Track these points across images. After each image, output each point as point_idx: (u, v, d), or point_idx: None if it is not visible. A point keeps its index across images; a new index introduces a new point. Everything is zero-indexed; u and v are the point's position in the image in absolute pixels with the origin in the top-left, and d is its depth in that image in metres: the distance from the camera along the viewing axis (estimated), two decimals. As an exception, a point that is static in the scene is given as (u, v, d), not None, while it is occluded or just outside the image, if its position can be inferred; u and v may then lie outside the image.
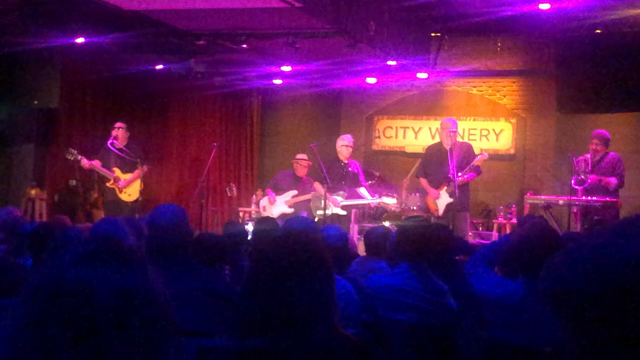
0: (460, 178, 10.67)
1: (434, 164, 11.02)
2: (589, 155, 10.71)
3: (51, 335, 1.46)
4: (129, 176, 11.43)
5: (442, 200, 10.92)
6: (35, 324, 1.47)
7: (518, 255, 4.09)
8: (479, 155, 10.96)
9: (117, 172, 11.30)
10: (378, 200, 11.60)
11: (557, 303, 1.51)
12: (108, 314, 1.46)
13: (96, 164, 11.21)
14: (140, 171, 11.43)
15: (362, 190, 11.64)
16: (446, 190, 10.81)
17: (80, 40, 10.90)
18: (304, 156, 12.50)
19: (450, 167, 10.46)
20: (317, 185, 11.85)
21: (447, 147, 10.84)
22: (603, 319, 1.42)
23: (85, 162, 11.18)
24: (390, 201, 11.79)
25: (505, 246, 4.90)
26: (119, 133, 11.44)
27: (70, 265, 1.54)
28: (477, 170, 10.99)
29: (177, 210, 4.51)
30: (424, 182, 11.35)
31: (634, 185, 11.39)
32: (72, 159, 11.22)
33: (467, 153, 11.07)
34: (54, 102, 12.26)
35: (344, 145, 11.77)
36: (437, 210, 11.02)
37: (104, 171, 11.27)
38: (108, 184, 11.35)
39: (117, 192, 11.29)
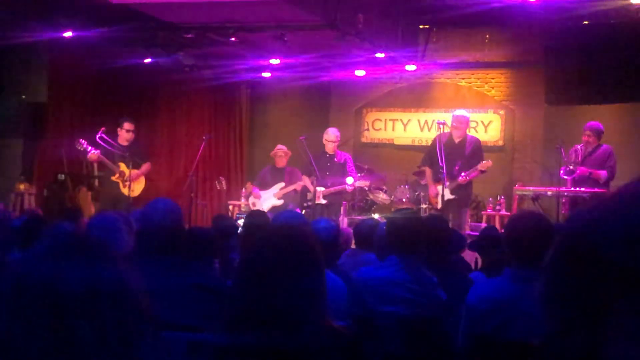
0: (462, 178, 10.70)
1: (437, 156, 10.88)
2: (579, 147, 10.73)
3: (19, 330, 1.46)
4: (134, 172, 11.47)
5: (444, 195, 10.90)
6: (3, 320, 1.48)
7: (511, 245, 4.10)
8: (483, 160, 10.91)
9: (122, 166, 11.32)
10: (349, 186, 11.58)
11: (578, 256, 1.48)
12: (75, 306, 1.47)
13: (99, 155, 11.21)
14: (146, 168, 11.61)
15: (348, 179, 11.63)
16: (448, 186, 10.80)
17: (68, 34, 10.88)
18: (282, 146, 12.54)
19: (441, 162, 10.44)
20: (305, 178, 11.89)
21: (456, 141, 10.89)
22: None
23: (92, 155, 11.18)
24: (361, 183, 11.82)
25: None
26: (128, 136, 11.52)
27: (36, 260, 1.54)
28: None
29: (170, 206, 4.51)
30: (428, 172, 11.34)
31: (623, 177, 11.41)
32: (81, 149, 11.20)
33: (475, 148, 11.07)
34: (42, 97, 12.25)
35: (327, 139, 11.80)
36: (437, 202, 11.02)
37: (109, 164, 11.29)
38: (113, 178, 11.33)
39: (121, 186, 11.29)
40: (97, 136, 11.22)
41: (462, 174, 10.75)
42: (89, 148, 11.12)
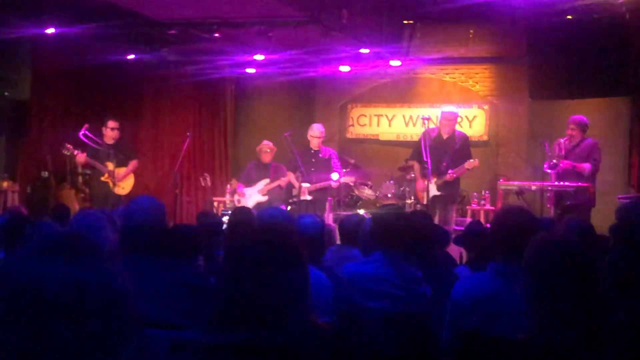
0: (450, 175, 10.74)
1: (430, 151, 10.90)
2: (562, 140, 10.75)
3: (2, 329, 1.45)
4: (122, 170, 11.45)
5: (430, 191, 10.92)
6: None
7: (496, 239, 4.11)
8: (471, 159, 10.95)
9: (110, 165, 11.29)
10: (334, 182, 11.60)
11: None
12: (58, 306, 1.46)
13: (87, 158, 11.19)
14: (134, 165, 11.61)
15: (333, 175, 11.64)
16: (435, 182, 10.83)
17: (51, 30, 10.82)
18: (267, 142, 12.54)
19: (426, 157, 10.47)
20: (290, 175, 11.89)
21: (444, 137, 10.92)
22: None
23: (80, 157, 11.16)
24: (346, 179, 11.84)
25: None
26: (113, 134, 11.48)
27: (21, 259, 1.54)
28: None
29: (153, 203, 4.50)
30: (416, 167, 11.37)
31: (608, 170, 11.47)
32: (68, 154, 11.19)
33: (463, 144, 11.11)
34: (25, 94, 12.18)
35: (312, 135, 11.81)
36: (423, 197, 11.05)
37: (98, 165, 11.26)
38: (103, 178, 11.31)
39: (111, 185, 11.27)
40: (81, 133, 11.17)
41: (450, 171, 10.78)
42: (76, 151, 11.09)
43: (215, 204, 14.02)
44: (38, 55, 12.25)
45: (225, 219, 8.69)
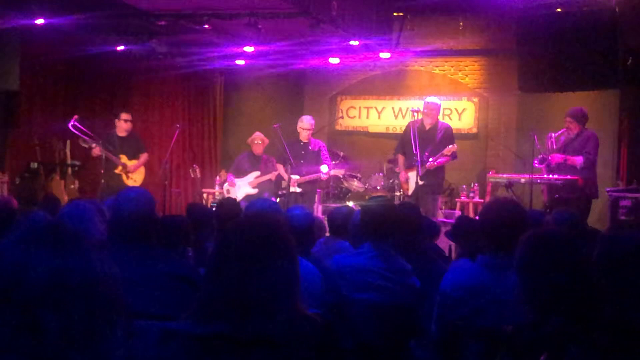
0: (430, 163, 10.74)
1: (411, 143, 10.99)
2: (553, 134, 10.75)
3: None
4: (134, 162, 11.68)
5: (412, 181, 10.97)
6: None
7: (485, 232, 4.12)
8: (449, 145, 10.97)
9: (123, 158, 11.43)
10: (324, 175, 11.60)
11: None
12: (42, 294, 1.45)
13: (102, 151, 11.32)
14: (145, 158, 11.84)
15: (323, 167, 11.64)
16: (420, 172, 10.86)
17: (40, 21, 10.78)
18: (259, 134, 12.54)
19: (414, 149, 10.51)
20: (279, 166, 11.89)
21: (427, 128, 10.93)
22: None
23: (95, 150, 11.32)
24: (337, 172, 11.84)
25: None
26: (126, 126, 11.66)
27: (7, 246, 1.53)
28: (453, 155, 11.04)
29: (142, 194, 4.48)
30: (400, 159, 11.40)
31: (597, 164, 11.50)
32: (87, 147, 11.36)
33: (445, 135, 11.12)
34: (14, 85, 12.11)
35: (302, 127, 11.80)
36: (407, 188, 11.09)
37: (113, 158, 11.42)
38: (117, 171, 11.46)
39: (124, 178, 11.38)
40: (70, 124, 11.17)
41: (430, 159, 10.79)
42: (93, 144, 11.19)
43: (205, 195, 14.02)
44: (27, 46, 12.18)
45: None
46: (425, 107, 11.27)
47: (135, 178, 11.65)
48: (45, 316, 1.45)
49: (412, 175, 10.96)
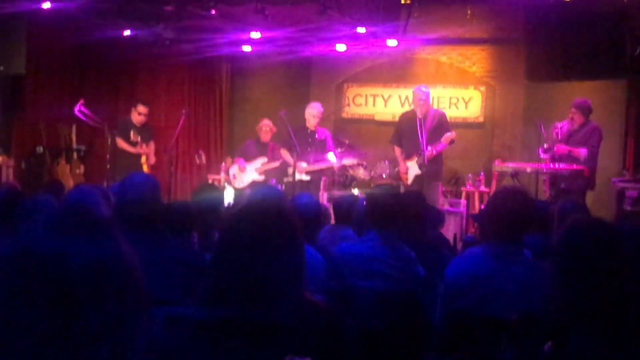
0: (429, 152, 10.72)
1: (406, 133, 11.04)
2: (559, 124, 10.74)
3: (23, 306, 1.43)
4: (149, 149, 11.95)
5: (412, 171, 10.97)
6: (6, 295, 1.44)
7: (492, 220, 4.11)
8: (447, 133, 10.95)
9: (144, 147, 11.61)
10: (337, 164, 11.62)
11: None
12: (81, 284, 1.44)
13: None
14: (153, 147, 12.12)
15: (330, 156, 11.64)
16: (416, 161, 10.84)
17: (46, 5, 10.77)
18: (268, 121, 12.53)
19: (420, 139, 10.51)
20: (283, 152, 11.88)
21: (420, 116, 10.88)
22: None
23: (151, 160, 11.78)
24: (348, 162, 11.84)
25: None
26: (140, 118, 11.86)
27: (41, 233, 1.51)
28: (450, 141, 11.03)
29: (148, 179, 4.49)
30: (397, 150, 11.40)
31: (603, 153, 11.47)
32: (109, 139, 11.52)
33: (440, 122, 11.09)
34: (20, 68, 12.14)
35: (312, 114, 11.77)
36: (407, 179, 11.10)
37: (137, 150, 11.73)
38: (142, 161, 11.79)
39: (145, 168, 11.56)
40: (76, 109, 11.18)
41: (428, 147, 10.77)
42: (129, 137, 11.56)
43: (210, 181, 14.02)
44: (33, 30, 12.20)
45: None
46: (413, 95, 11.28)
47: (149, 165, 11.90)
48: (83, 306, 1.44)
49: (411, 166, 10.97)
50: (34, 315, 1.43)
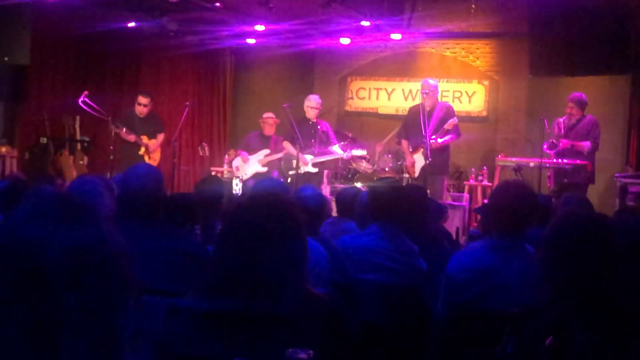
0: (434, 141, 10.71)
1: (414, 126, 11.03)
2: (561, 119, 10.77)
3: (3, 293, 1.43)
4: (153, 142, 11.87)
5: (418, 164, 10.98)
6: None
7: (495, 213, 4.12)
8: (450, 119, 10.96)
9: (145, 138, 11.63)
10: (347, 154, 11.64)
11: None
12: (61, 271, 1.44)
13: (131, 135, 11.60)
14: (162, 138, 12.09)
15: (335, 148, 11.66)
16: (422, 153, 10.84)
17: (51, -4, 10.78)
18: (271, 114, 12.56)
19: (424, 130, 10.51)
20: (286, 144, 11.88)
21: (427, 109, 10.90)
22: None
23: (131, 137, 11.62)
24: (359, 153, 11.85)
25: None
26: (141, 109, 11.83)
27: (21, 221, 1.51)
28: (456, 132, 11.03)
29: (151, 171, 4.49)
30: (404, 143, 11.40)
31: (606, 148, 11.49)
32: (117, 130, 11.50)
33: (446, 114, 11.08)
34: (24, 59, 12.11)
35: (309, 106, 11.80)
36: (414, 172, 11.09)
37: (138, 140, 11.70)
38: (140, 152, 11.72)
39: (146, 158, 11.57)
40: (80, 100, 11.19)
41: (433, 137, 10.76)
42: (123, 128, 11.43)
43: (213, 173, 14.03)
44: (38, 21, 12.17)
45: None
46: (422, 88, 11.26)
47: (155, 157, 11.84)
48: (65, 289, 1.44)
49: (418, 158, 10.97)
50: (13, 302, 1.43)
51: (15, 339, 1.42)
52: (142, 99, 11.80)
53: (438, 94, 11.53)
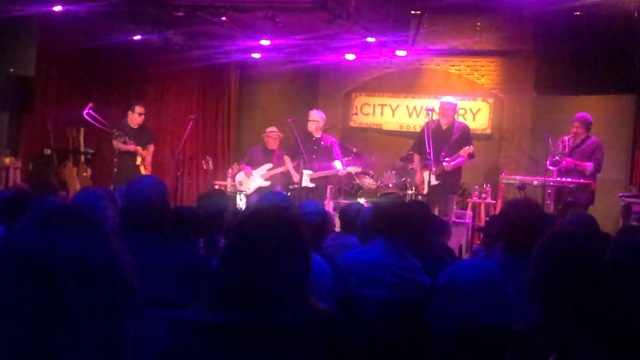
0: (447, 164, 10.73)
1: (429, 142, 10.96)
2: (567, 138, 10.78)
3: (8, 302, 1.43)
4: (146, 152, 11.97)
5: (429, 181, 10.95)
6: None
7: (502, 230, 4.12)
8: (466, 146, 10.95)
9: (140, 149, 11.69)
10: (342, 171, 11.65)
11: None
12: (67, 281, 1.43)
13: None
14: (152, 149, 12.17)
15: (337, 163, 11.68)
16: (434, 172, 10.82)
17: (57, 8, 10.80)
18: (274, 129, 12.59)
19: (428, 148, 10.49)
20: (286, 159, 11.93)
21: (443, 127, 10.92)
22: None
23: (123, 144, 11.62)
24: (353, 169, 11.87)
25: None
26: (139, 119, 11.90)
27: (27, 230, 1.50)
28: (470, 157, 11.04)
29: (156, 183, 4.49)
30: (416, 158, 11.40)
31: (609, 168, 11.48)
32: (123, 142, 11.58)
33: (462, 135, 11.10)
34: (30, 70, 12.16)
35: (310, 120, 11.86)
36: (423, 189, 11.07)
37: (138, 151, 11.75)
38: (138, 163, 11.73)
39: (142, 169, 11.57)
40: (85, 112, 11.22)
41: (446, 159, 10.78)
42: (128, 140, 11.52)
43: (217, 187, 14.03)
44: (44, 33, 12.23)
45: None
46: (440, 107, 11.27)
47: (148, 168, 11.87)
48: (70, 299, 1.43)
49: (427, 175, 10.96)
50: (17, 313, 1.42)
51: (20, 349, 1.41)
52: (139, 108, 11.85)
53: (455, 114, 11.56)
